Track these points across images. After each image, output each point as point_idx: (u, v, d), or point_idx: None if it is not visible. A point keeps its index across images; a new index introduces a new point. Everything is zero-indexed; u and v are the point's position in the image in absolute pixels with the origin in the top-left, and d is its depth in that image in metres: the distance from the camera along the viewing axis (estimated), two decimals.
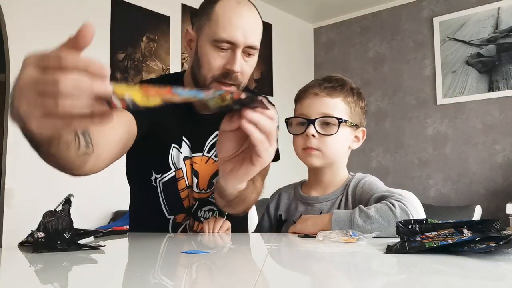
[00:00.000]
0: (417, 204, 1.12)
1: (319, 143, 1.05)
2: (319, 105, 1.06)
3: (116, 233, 1.07)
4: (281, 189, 1.22)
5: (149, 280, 0.55)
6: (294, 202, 1.15)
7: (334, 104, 1.06)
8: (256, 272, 0.59)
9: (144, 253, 0.77)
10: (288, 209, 1.16)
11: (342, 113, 1.06)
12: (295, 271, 0.63)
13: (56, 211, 0.80)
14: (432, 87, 4.05)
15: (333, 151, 1.07)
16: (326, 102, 1.06)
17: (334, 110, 1.05)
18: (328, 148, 1.05)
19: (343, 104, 1.07)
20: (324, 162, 1.08)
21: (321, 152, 1.06)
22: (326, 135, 1.04)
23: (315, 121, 1.04)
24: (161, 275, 0.60)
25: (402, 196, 0.96)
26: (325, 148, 1.05)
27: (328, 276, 0.60)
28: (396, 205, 0.91)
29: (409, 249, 0.66)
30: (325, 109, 1.05)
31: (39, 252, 0.74)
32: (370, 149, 4.31)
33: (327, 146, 1.05)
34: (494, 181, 3.71)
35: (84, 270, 0.66)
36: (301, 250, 0.78)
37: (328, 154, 1.06)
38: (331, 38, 4.74)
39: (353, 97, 1.09)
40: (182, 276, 0.61)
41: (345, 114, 1.07)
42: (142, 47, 3.32)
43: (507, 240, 0.61)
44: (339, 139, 1.06)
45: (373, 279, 0.56)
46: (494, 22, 3.77)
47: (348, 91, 1.08)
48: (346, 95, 1.07)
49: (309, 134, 1.04)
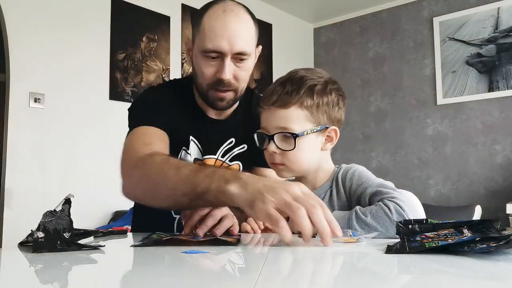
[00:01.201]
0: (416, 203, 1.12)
1: (282, 158, 1.00)
2: (274, 119, 0.99)
3: (116, 233, 1.07)
4: None
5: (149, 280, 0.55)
6: None
7: (289, 115, 0.98)
8: (256, 272, 0.59)
9: (144, 253, 0.77)
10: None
11: (301, 121, 0.99)
12: (295, 271, 0.63)
13: (56, 211, 0.80)
14: (432, 87, 4.05)
15: (298, 164, 1.01)
16: (280, 115, 0.98)
17: (291, 121, 0.98)
18: (292, 162, 1.00)
19: (300, 111, 0.98)
20: (294, 174, 1.05)
21: (286, 166, 1.01)
22: (286, 151, 0.98)
23: (274, 136, 0.99)
24: (161, 275, 0.60)
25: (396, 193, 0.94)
26: (289, 163, 1.00)
27: (328, 276, 0.60)
28: (392, 209, 0.89)
29: (409, 249, 0.66)
30: (280, 122, 0.98)
31: (39, 252, 0.74)
32: (370, 149, 4.31)
33: (290, 160, 1.00)
34: (494, 181, 3.71)
35: (84, 270, 0.66)
36: (301, 250, 0.78)
37: (293, 168, 1.02)
38: (331, 38, 4.74)
39: (313, 98, 0.99)
40: (182, 276, 0.61)
41: (305, 120, 0.99)
42: (142, 47, 3.32)
43: (507, 240, 0.61)
44: (303, 151, 1.00)
45: (373, 279, 0.56)
46: (494, 22, 3.77)
47: (305, 93, 0.98)
48: (302, 99, 0.98)
49: (270, 151, 1.00)
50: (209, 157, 1.19)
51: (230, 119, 1.23)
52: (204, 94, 1.14)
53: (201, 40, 1.07)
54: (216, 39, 1.05)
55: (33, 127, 2.72)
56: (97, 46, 3.05)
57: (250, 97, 1.27)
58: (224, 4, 1.08)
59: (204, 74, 1.09)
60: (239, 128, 1.22)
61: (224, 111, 1.21)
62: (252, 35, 1.10)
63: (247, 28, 1.09)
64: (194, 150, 1.18)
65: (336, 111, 1.03)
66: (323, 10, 4.53)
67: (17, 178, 2.64)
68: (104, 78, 3.08)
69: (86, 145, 2.87)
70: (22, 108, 2.68)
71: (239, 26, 1.06)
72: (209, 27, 1.06)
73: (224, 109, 1.17)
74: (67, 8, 2.92)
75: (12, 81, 2.67)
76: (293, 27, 4.62)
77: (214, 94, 1.11)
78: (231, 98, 1.13)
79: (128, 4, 3.24)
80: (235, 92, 1.12)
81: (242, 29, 1.07)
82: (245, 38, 1.07)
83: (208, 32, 1.06)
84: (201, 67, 1.09)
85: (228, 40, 1.05)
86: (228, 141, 1.21)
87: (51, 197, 1.36)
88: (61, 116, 2.84)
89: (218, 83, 1.09)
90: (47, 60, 2.80)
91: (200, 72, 1.10)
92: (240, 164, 1.22)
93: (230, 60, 1.07)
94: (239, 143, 1.22)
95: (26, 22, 2.73)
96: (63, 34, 2.88)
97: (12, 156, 2.63)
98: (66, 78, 2.88)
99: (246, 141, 1.20)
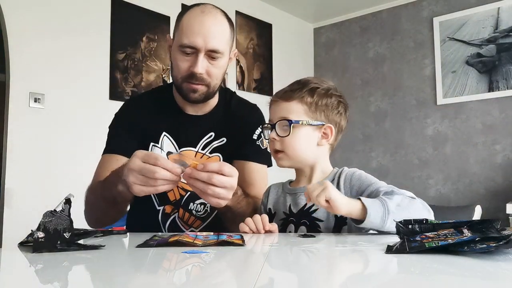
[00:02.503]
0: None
1: (281, 145, 1.12)
2: (277, 110, 1.14)
3: (116, 233, 1.07)
4: (272, 185, 1.27)
5: (149, 280, 0.55)
6: (282, 195, 1.20)
7: (289, 107, 1.12)
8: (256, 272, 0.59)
9: (144, 253, 0.77)
10: (276, 202, 1.20)
11: (299, 114, 1.11)
12: (295, 271, 0.63)
13: (56, 211, 0.80)
14: (432, 87, 4.05)
15: (295, 151, 1.12)
16: (282, 107, 1.13)
17: (290, 112, 1.12)
18: (288, 148, 1.12)
19: (299, 105, 1.12)
20: (291, 162, 1.15)
21: (285, 153, 1.13)
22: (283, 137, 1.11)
23: (275, 125, 1.13)
24: (161, 275, 0.60)
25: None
26: (286, 149, 1.12)
27: (328, 276, 0.60)
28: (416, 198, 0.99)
29: (409, 249, 0.66)
30: (281, 113, 1.13)
31: (39, 252, 0.74)
32: (370, 149, 4.31)
33: (287, 146, 1.12)
34: (494, 181, 3.71)
35: (84, 270, 0.66)
36: (301, 250, 0.78)
37: (290, 154, 1.12)
38: (331, 38, 4.74)
39: (313, 97, 1.12)
40: (182, 276, 0.61)
41: (303, 114, 1.12)
42: (142, 47, 3.32)
43: (507, 240, 0.61)
44: (299, 139, 1.11)
45: (373, 279, 0.56)
46: (494, 22, 3.77)
47: (307, 92, 1.12)
48: (304, 96, 1.12)
49: (271, 138, 1.14)
50: (187, 149, 1.29)
51: (209, 115, 1.33)
52: (179, 86, 1.24)
53: (179, 36, 1.19)
54: (192, 36, 1.16)
55: (33, 127, 2.72)
56: (97, 46, 3.04)
57: (230, 97, 1.39)
58: (203, 7, 1.21)
59: (179, 67, 1.21)
60: (219, 123, 1.32)
61: (201, 108, 1.31)
62: (226, 36, 1.21)
63: (222, 29, 1.20)
64: (166, 144, 1.29)
65: (335, 114, 1.14)
66: (323, 10, 4.52)
67: (17, 178, 2.64)
68: (104, 78, 3.08)
69: (86, 145, 2.87)
70: (22, 108, 2.68)
71: (214, 26, 1.18)
72: (187, 25, 1.18)
73: (197, 102, 1.26)
74: (67, 8, 2.92)
75: (12, 81, 2.67)
76: (293, 27, 4.61)
77: (187, 86, 1.22)
78: (203, 92, 1.23)
79: (128, 4, 3.24)
80: (207, 86, 1.22)
81: (217, 29, 1.19)
82: (219, 37, 1.19)
83: (186, 29, 1.18)
84: (177, 61, 1.21)
85: (203, 38, 1.16)
86: (208, 135, 1.31)
87: (51, 197, 1.36)
88: (61, 116, 2.84)
89: (191, 77, 1.20)
90: (47, 60, 2.80)
91: (176, 65, 1.22)
92: (220, 156, 1.30)
93: (203, 56, 1.18)
94: (218, 137, 1.31)
95: (26, 22, 2.73)
96: (63, 34, 2.88)
97: (12, 156, 2.62)
98: (66, 78, 2.88)
99: (225, 135, 1.31)
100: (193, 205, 1.28)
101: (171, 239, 0.84)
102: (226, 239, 0.86)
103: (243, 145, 1.31)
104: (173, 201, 1.28)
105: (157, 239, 0.88)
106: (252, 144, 1.32)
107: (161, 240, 0.86)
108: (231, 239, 0.86)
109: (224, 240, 0.85)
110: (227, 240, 0.85)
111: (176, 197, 1.28)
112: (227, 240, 0.85)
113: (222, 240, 0.85)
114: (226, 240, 0.85)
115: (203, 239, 0.86)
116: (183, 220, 1.29)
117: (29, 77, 2.72)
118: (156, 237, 0.91)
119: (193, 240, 0.84)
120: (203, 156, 1.29)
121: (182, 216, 1.29)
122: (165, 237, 0.89)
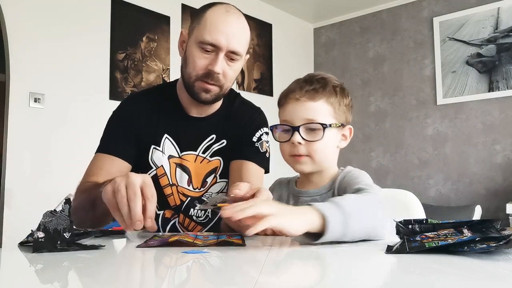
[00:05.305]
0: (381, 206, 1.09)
1: (307, 149, 1.04)
2: (302, 110, 1.03)
3: (116, 233, 1.07)
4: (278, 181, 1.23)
5: (148, 280, 0.56)
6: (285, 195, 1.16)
7: (317, 108, 1.03)
8: (256, 272, 0.59)
9: (143, 253, 0.77)
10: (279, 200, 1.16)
11: (326, 115, 1.04)
12: (295, 271, 0.63)
13: (56, 211, 0.80)
14: (432, 87, 4.05)
15: (323, 156, 1.05)
16: (308, 107, 1.03)
17: (318, 114, 1.03)
18: (317, 153, 1.04)
19: (326, 106, 1.04)
20: (315, 167, 1.07)
21: (311, 157, 1.04)
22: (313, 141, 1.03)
23: (299, 128, 1.03)
24: (161, 275, 0.60)
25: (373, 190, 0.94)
26: (314, 153, 1.04)
27: (328, 276, 0.60)
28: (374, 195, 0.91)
29: (409, 249, 0.66)
30: (308, 114, 1.03)
31: (39, 252, 0.74)
32: (370, 149, 4.31)
33: (315, 151, 1.03)
34: (494, 181, 3.71)
35: (84, 270, 0.66)
36: (301, 250, 0.78)
37: (318, 159, 1.05)
38: (331, 38, 4.74)
39: (336, 96, 1.06)
40: (182, 276, 0.61)
41: (329, 115, 1.05)
42: (142, 47, 3.32)
43: (507, 240, 0.61)
44: (327, 143, 1.04)
45: (373, 279, 0.56)
46: (494, 22, 3.77)
47: (330, 91, 1.05)
48: (328, 95, 1.05)
49: (295, 142, 1.03)
50: (188, 153, 1.25)
51: (211, 116, 1.28)
52: (190, 85, 1.18)
53: (200, 32, 1.14)
54: (216, 34, 1.12)
55: (33, 127, 2.72)
56: (97, 46, 3.04)
57: (234, 98, 1.34)
58: (227, 6, 1.18)
59: (195, 64, 1.15)
60: (220, 124, 1.28)
61: (205, 109, 1.26)
62: (246, 39, 1.19)
63: (244, 32, 1.18)
64: (168, 147, 1.24)
65: (350, 114, 1.10)
66: (323, 10, 4.52)
67: (17, 178, 2.64)
68: (104, 78, 3.08)
69: (86, 145, 2.87)
70: (22, 108, 2.68)
71: (238, 28, 1.16)
72: (211, 21, 1.14)
73: (207, 102, 1.21)
74: (67, 8, 2.92)
75: (12, 81, 2.67)
76: (293, 27, 4.61)
77: (201, 84, 1.17)
78: (215, 93, 1.19)
79: (128, 4, 3.24)
80: (220, 88, 1.18)
81: (240, 31, 1.16)
82: (241, 39, 1.16)
83: (209, 26, 1.13)
84: (194, 57, 1.15)
85: (227, 37, 1.12)
86: (209, 137, 1.27)
87: (51, 197, 1.36)
88: (61, 116, 2.84)
89: (207, 75, 1.15)
90: (47, 60, 2.80)
91: (192, 61, 1.16)
92: (221, 159, 1.27)
93: (223, 56, 1.14)
94: (219, 139, 1.27)
95: (26, 22, 2.73)
96: (63, 34, 2.88)
97: (12, 156, 2.62)
98: (66, 78, 2.88)
99: (226, 137, 1.27)
100: (193, 211, 1.26)
101: (171, 239, 0.84)
102: (226, 239, 0.86)
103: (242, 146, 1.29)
104: (173, 206, 1.26)
105: (157, 239, 0.88)
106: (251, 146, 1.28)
107: (161, 240, 0.86)
108: (231, 239, 0.86)
109: (224, 240, 0.86)
110: (227, 240, 0.85)
111: (177, 202, 1.25)
112: (227, 240, 0.85)
113: (222, 240, 0.86)
114: (226, 240, 0.85)
115: (203, 239, 0.86)
116: (183, 226, 1.27)
117: (29, 77, 2.72)
118: (156, 237, 0.91)
119: (193, 240, 0.85)
120: (203, 160, 1.26)
121: (182, 221, 1.27)
122: (165, 237, 0.89)
